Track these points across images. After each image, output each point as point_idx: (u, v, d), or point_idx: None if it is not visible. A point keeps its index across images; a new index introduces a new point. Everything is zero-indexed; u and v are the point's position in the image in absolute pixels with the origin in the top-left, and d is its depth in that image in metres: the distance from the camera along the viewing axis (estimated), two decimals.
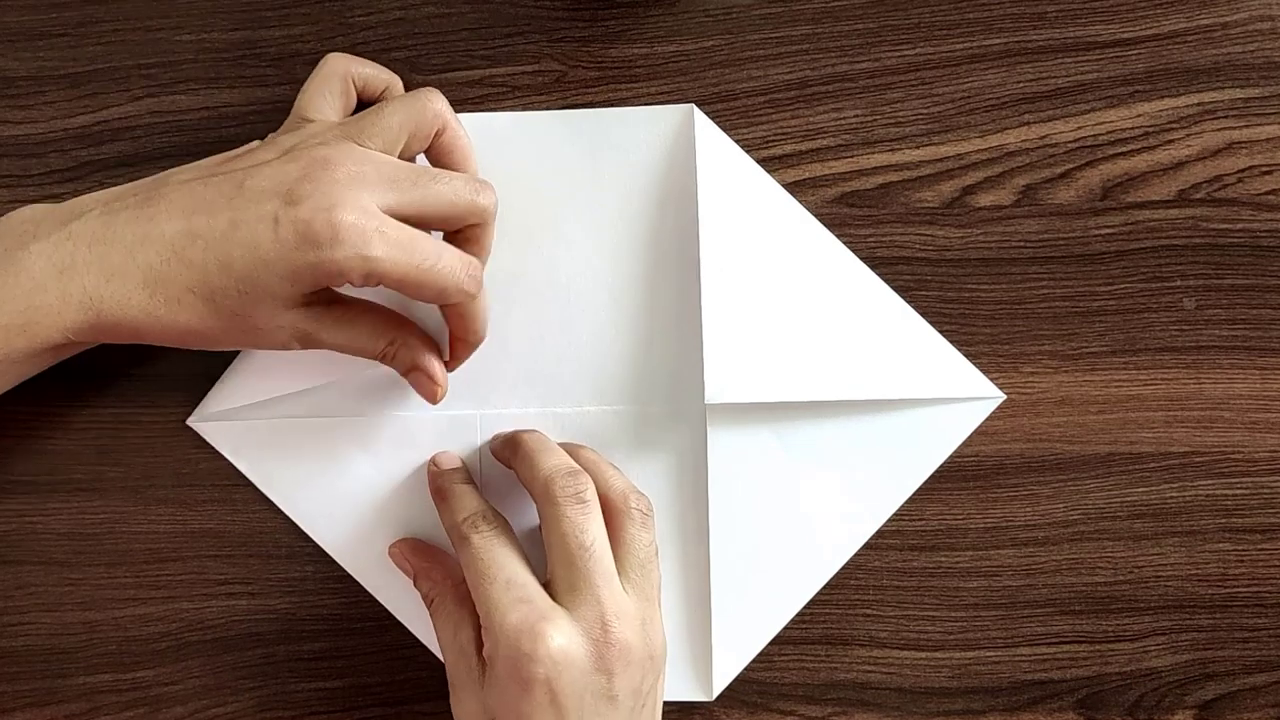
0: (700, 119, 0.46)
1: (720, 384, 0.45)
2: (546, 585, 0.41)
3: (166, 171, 0.43)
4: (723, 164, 0.46)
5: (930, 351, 0.46)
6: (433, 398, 0.44)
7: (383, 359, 0.43)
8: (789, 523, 0.46)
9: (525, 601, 0.39)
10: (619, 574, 0.41)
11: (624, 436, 0.46)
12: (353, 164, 0.40)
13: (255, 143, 0.43)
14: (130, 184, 0.42)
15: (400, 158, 0.42)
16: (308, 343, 0.42)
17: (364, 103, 0.46)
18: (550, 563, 0.41)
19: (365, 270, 0.39)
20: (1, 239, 0.40)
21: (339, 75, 0.45)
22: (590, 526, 0.41)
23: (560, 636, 0.39)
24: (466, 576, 0.41)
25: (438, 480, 0.45)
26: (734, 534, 0.46)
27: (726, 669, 0.46)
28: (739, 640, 0.46)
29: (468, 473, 0.45)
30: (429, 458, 0.46)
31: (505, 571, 0.40)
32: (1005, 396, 0.46)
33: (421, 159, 0.44)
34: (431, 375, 0.43)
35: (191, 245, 0.39)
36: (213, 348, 0.42)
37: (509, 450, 0.44)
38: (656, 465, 0.46)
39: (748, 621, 0.46)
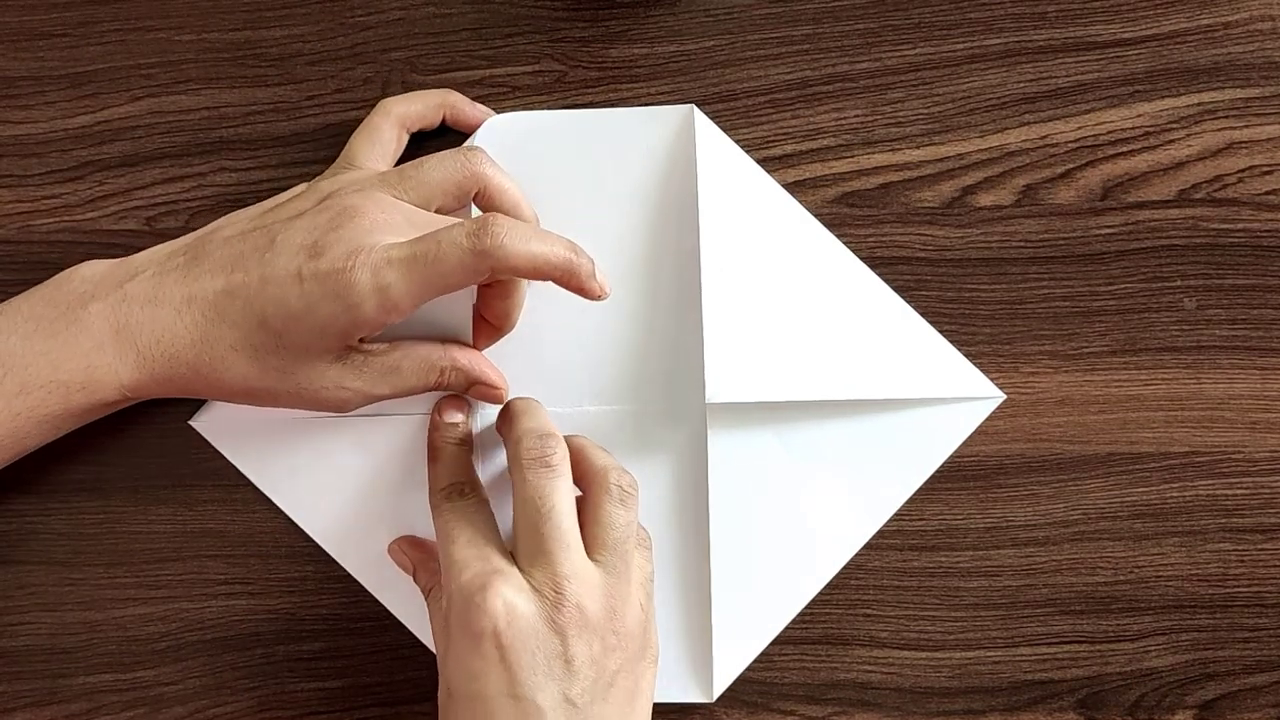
0: (700, 119, 0.46)
1: (721, 383, 0.45)
2: (511, 553, 0.41)
3: (216, 223, 0.44)
4: (723, 164, 0.46)
5: (931, 351, 0.46)
6: (499, 401, 0.45)
7: (438, 389, 0.44)
8: (789, 522, 0.46)
9: (481, 559, 0.40)
10: (591, 549, 0.41)
11: (624, 436, 0.46)
12: (380, 212, 0.40)
13: (301, 186, 0.44)
14: (183, 239, 0.43)
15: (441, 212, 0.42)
16: (361, 399, 0.42)
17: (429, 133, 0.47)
18: (514, 527, 0.41)
19: (383, 309, 0.39)
20: (64, 297, 0.41)
21: (388, 122, 0.45)
22: (551, 492, 0.40)
23: (510, 591, 0.38)
24: (438, 542, 0.42)
25: (433, 435, 0.45)
26: (734, 534, 0.46)
27: (727, 670, 0.46)
28: (739, 641, 0.46)
29: (467, 431, 0.45)
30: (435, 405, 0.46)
31: (466, 534, 0.41)
32: (1005, 396, 0.46)
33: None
34: (490, 383, 0.44)
35: (231, 304, 0.40)
36: (269, 406, 0.42)
37: (500, 418, 0.45)
38: (657, 465, 0.46)
39: (748, 622, 0.46)
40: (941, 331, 0.46)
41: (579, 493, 0.42)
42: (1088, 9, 0.47)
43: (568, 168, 0.46)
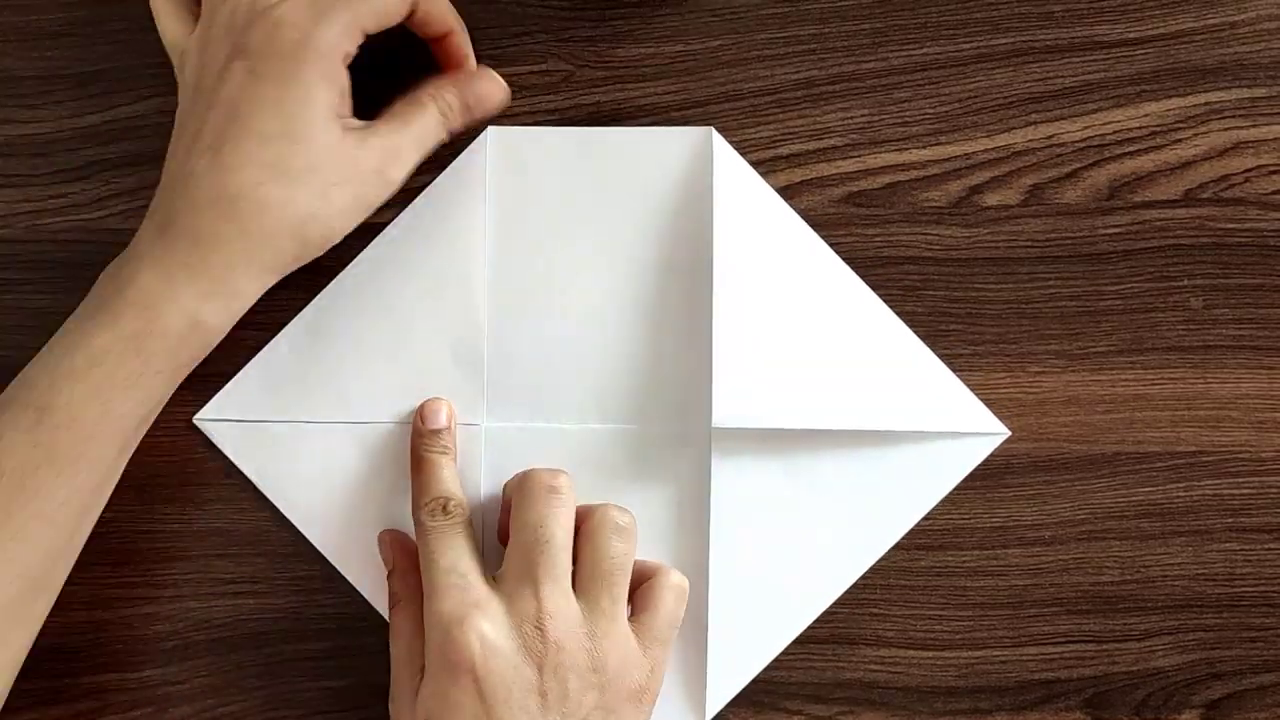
0: (718, 142, 0.46)
1: (728, 409, 0.45)
2: (498, 577, 0.41)
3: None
4: (739, 188, 0.46)
5: (938, 385, 0.46)
6: (505, 95, 0.45)
7: (455, 128, 0.44)
8: (788, 550, 0.46)
9: (461, 588, 0.40)
10: (581, 581, 0.41)
11: (628, 456, 0.46)
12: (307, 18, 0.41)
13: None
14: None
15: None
16: (398, 166, 0.43)
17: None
18: (510, 546, 0.41)
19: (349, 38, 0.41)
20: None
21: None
22: (551, 520, 0.41)
23: (488, 624, 0.39)
24: (420, 557, 0.42)
25: (416, 444, 0.45)
26: (733, 559, 0.46)
27: (719, 695, 0.46)
28: (734, 667, 0.46)
29: (450, 438, 0.45)
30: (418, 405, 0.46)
31: (449, 558, 0.41)
32: (1010, 433, 0.46)
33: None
34: (490, 94, 0.45)
35: (235, 152, 0.40)
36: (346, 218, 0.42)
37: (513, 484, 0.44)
38: (659, 486, 0.46)
39: (743, 648, 0.46)
40: (948, 331, 0.47)
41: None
42: (1094, 9, 0.47)
43: (583, 185, 0.46)
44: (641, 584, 0.43)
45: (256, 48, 0.40)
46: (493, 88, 0.45)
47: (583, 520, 0.42)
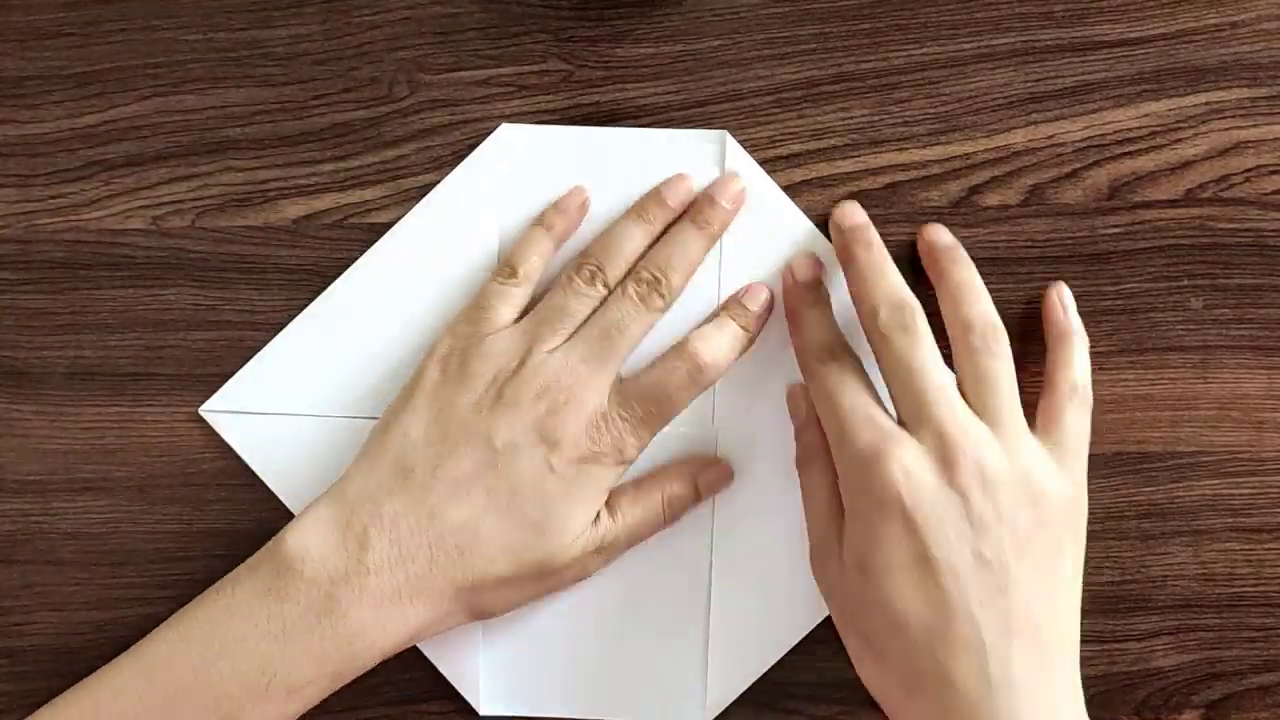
0: (731, 146, 0.46)
1: (730, 411, 0.46)
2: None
3: (387, 425, 0.44)
4: (751, 193, 0.46)
5: None
6: (729, 476, 0.46)
7: (672, 516, 0.45)
8: (791, 552, 0.46)
9: (872, 424, 0.40)
10: (975, 409, 0.40)
11: None
12: (567, 377, 0.42)
13: (436, 360, 0.44)
14: (366, 456, 0.43)
15: None
16: (609, 551, 0.44)
17: None
18: (891, 395, 0.41)
19: (640, 451, 0.43)
20: (298, 588, 0.41)
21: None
22: (914, 353, 0.41)
23: (908, 456, 0.39)
24: (816, 407, 0.42)
25: (791, 298, 0.45)
26: (736, 561, 0.46)
27: (721, 698, 0.46)
28: (735, 670, 0.46)
29: (823, 289, 0.45)
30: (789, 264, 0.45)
31: (849, 398, 0.41)
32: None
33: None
34: (716, 469, 0.46)
35: (481, 524, 0.41)
36: (524, 597, 0.44)
37: (849, 275, 0.44)
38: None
39: (745, 652, 0.46)
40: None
41: None
42: (1095, 8, 0.47)
43: (594, 185, 0.46)
44: (1040, 400, 0.43)
45: (561, 445, 0.42)
46: (721, 475, 0.46)
47: (954, 344, 0.42)
